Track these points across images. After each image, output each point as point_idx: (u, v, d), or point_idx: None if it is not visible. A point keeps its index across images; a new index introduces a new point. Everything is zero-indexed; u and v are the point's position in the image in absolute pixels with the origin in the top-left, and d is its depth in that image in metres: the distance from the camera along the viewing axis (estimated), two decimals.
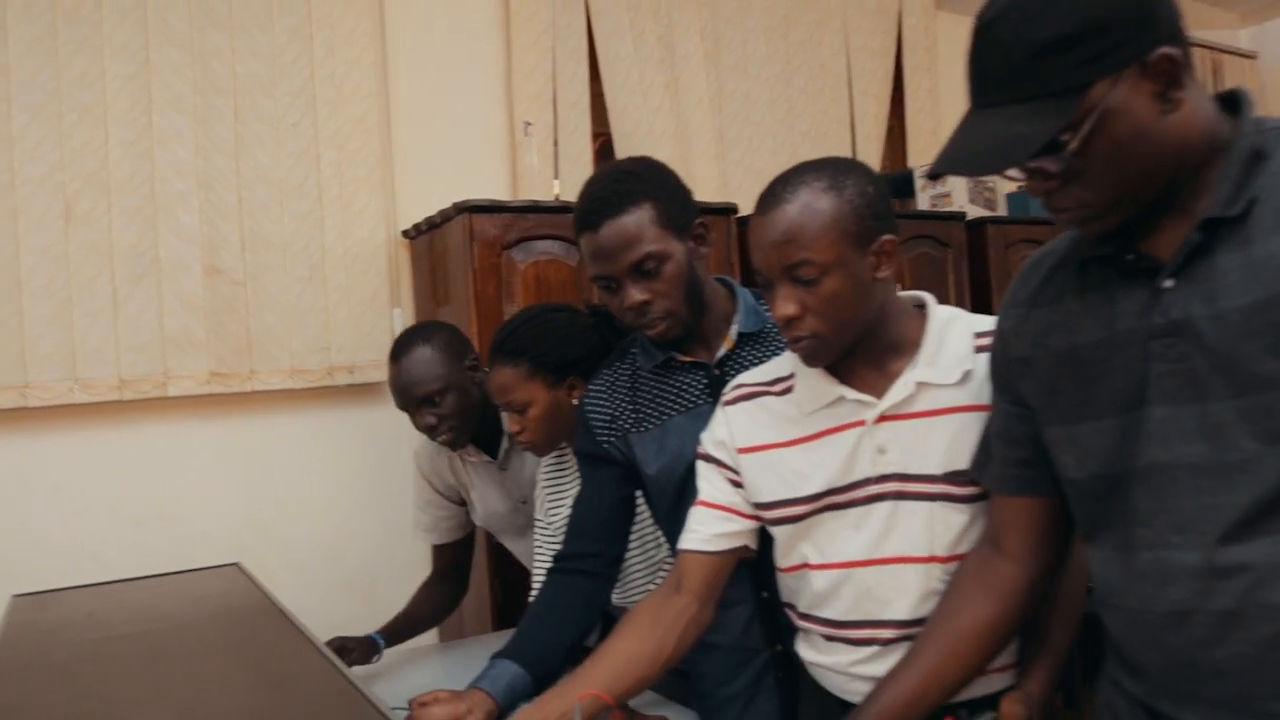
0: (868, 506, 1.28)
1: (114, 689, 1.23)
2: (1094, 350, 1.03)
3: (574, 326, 1.77)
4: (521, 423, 1.74)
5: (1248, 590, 0.92)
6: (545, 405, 1.73)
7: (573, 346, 1.74)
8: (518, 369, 1.71)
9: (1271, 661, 0.91)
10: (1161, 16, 0.92)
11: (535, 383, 1.72)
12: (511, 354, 1.72)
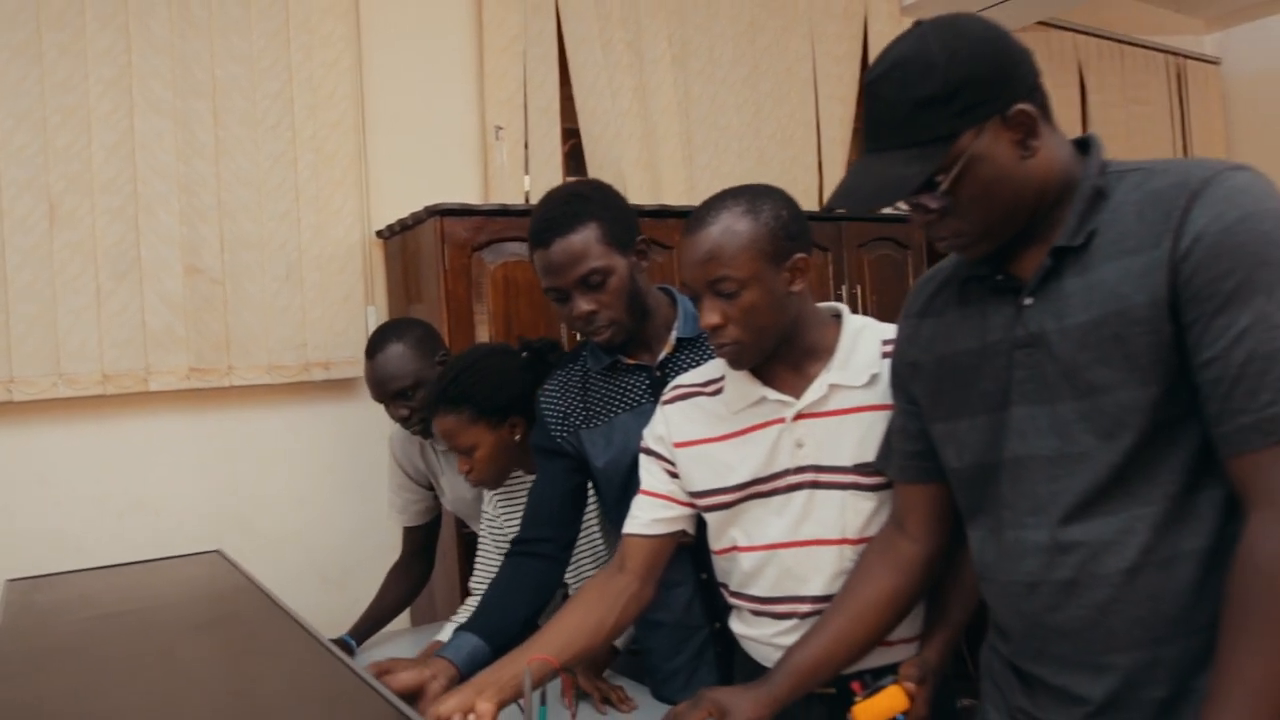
0: (788, 495, 1.41)
1: (109, 663, 1.33)
2: (969, 357, 1.16)
3: (509, 369, 1.87)
4: (469, 463, 1.86)
5: (1083, 563, 1.06)
6: (490, 446, 1.84)
7: (510, 388, 1.84)
8: (460, 416, 1.82)
9: (1103, 623, 1.05)
10: (1019, 76, 1.06)
11: (479, 427, 1.83)
12: (453, 402, 1.82)
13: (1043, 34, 5.13)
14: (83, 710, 1.13)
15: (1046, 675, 1.13)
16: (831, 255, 3.45)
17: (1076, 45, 5.29)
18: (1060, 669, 1.11)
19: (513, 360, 1.90)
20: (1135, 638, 1.05)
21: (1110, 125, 5.39)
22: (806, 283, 1.39)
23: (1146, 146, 5.59)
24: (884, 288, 3.61)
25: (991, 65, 1.05)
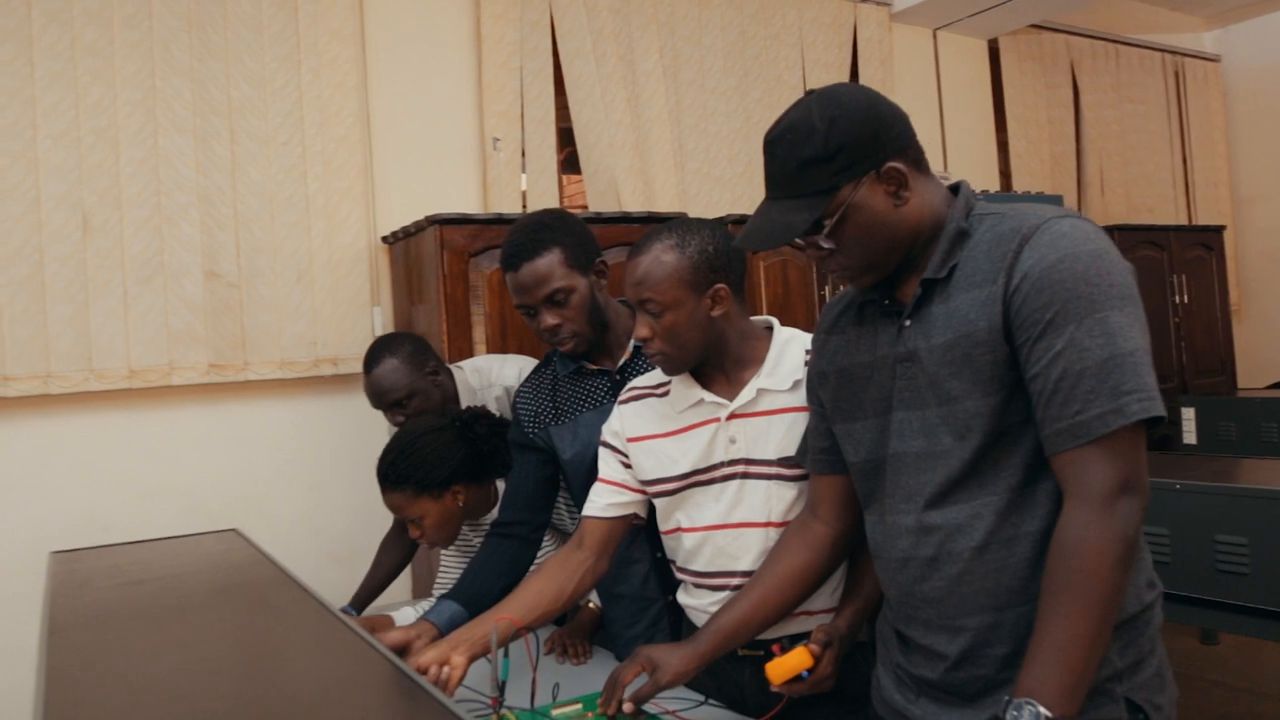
0: (723, 484, 1.62)
1: (139, 622, 1.56)
2: (863, 369, 1.36)
3: (443, 445, 2.03)
4: (419, 529, 2.05)
5: (941, 543, 1.25)
6: (436, 515, 2.03)
7: (446, 464, 2.01)
8: (404, 493, 2.00)
9: (957, 592, 1.25)
10: (891, 138, 1.25)
11: (422, 500, 2.00)
12: (395, 482, 2.01)
13: (1035, 36, 5.27)
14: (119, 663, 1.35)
15: (916, 636, 1.33)
16: None
17: (1070, 46, 5.42)
18: (926, 631, 1.31)
19: (446, 435, 2.06)
20: (983, 605, 1.25)
21: (1103, 124, 5.52)
22: (731, 306, 1.59)
23: (1141, 144, 5.72)
24: None
25: (866, 130, 1.24)
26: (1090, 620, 1.10)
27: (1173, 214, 5.81)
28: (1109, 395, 1.11)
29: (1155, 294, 4.85)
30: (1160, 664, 1.23)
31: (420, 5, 3.45)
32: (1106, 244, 1.19)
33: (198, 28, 3.04)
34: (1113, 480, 1.11)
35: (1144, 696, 1.19)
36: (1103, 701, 1.17)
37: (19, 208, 2.82)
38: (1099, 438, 1.11)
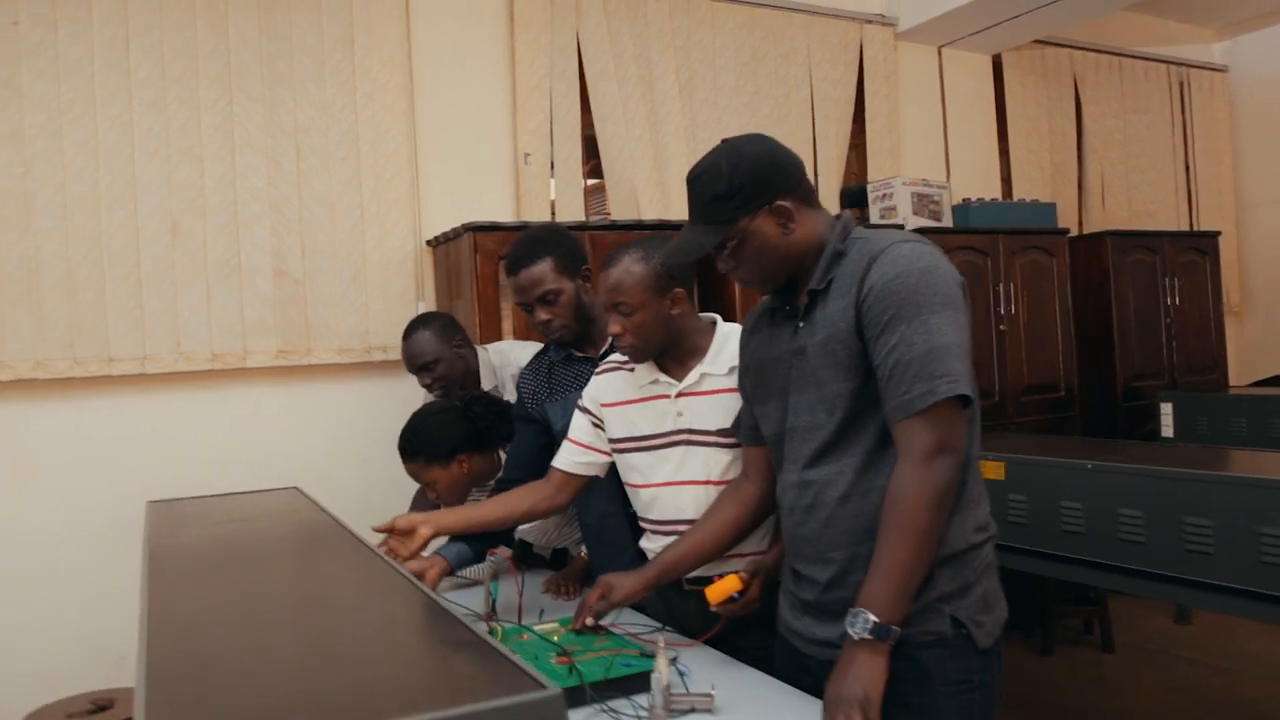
0: (671, 449, 2.05)
1: (222, 555, 2.03)
2: (771, 361, 1.78)
3: (448, 423, 2.47)
4: (434, 491, 2.52)
5: (816, 494, 1.67)
6: (446, 480, 2.48)
7: (451, 437, 2.45)
8: (417, 463, 2.47)
9: (826, 532, 1.65)
10: (782, 181, 1.65)
11: (434, 468, 2.46)
12: (410, 455, 2.48)
13: (1039, 51, 5.58)
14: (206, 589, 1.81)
15: (800, 568, 1.74)
16: None
17: (1073, 60, 5.72)
18: (806, 563, 1.72)
19: (451, 415, 2.51)
20: (845, 541, 1.65)
21: (1106, 134, 5.82)
22: (685, 306, 2.02)
23: (1144, 152, 6.00)
24: None
25: (761, 175, 1.65)
26: (909, 549, 1.50)
27: (1174, 219, 6.08)
28: (926, 379, 1.49)
29: (1147, 296, 5.16)
30: (986, 591, 1.63)
31: (460, 34, 3.91)
32: (937, 262, 1.58)
33: (268, 61, 3.54)
34: (930, 444, 1.50)
35: (967, 615, 1.59)
36: (932, 618, 1.57)
37: (119, 216, 3.33)
38: (919, 411, 1.50)
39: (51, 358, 3.25)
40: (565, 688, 1.63)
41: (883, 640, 1.48)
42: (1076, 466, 2.60)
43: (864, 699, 1.44)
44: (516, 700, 1.04)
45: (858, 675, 1.46)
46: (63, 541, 3.27)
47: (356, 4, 3.67)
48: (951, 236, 4.47)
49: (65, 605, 3.26)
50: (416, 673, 1.29)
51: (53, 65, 3.26)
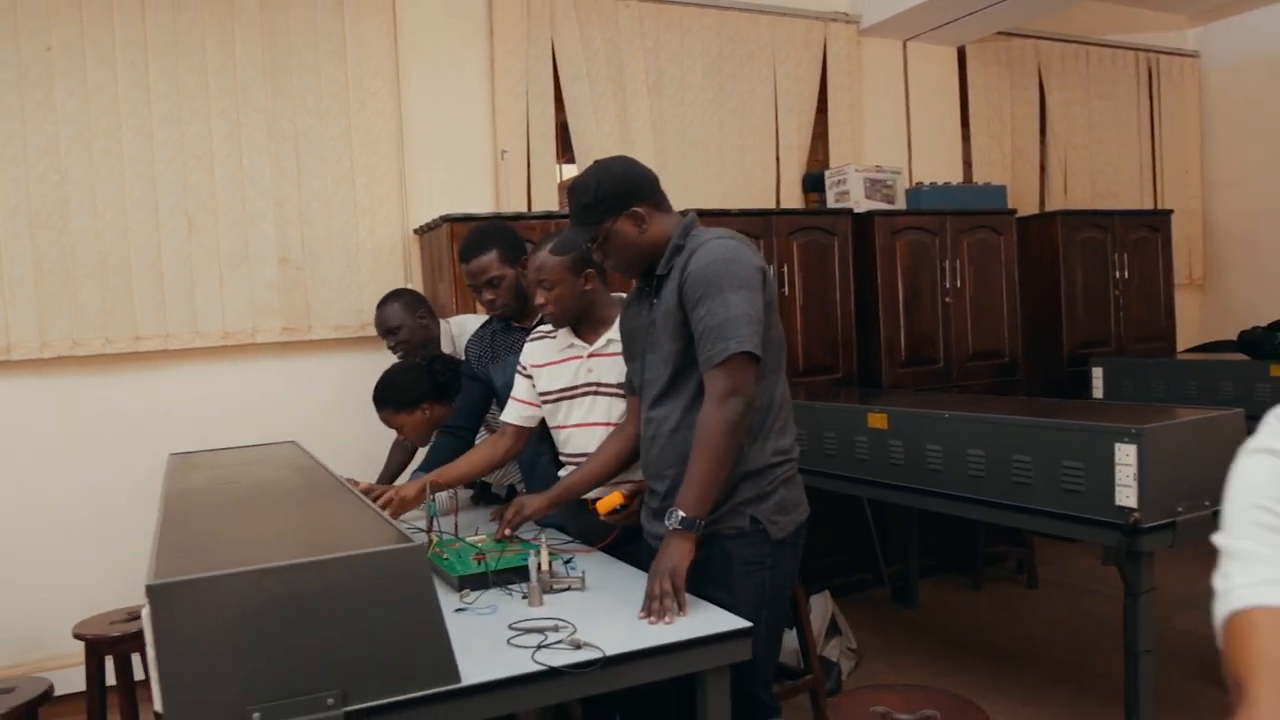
0: (583, 398, 2.50)
1: (229, 489, 2.50)
2: (638, 329, 2.23)
3: (411, 378, 3.01)
4: (403, 434, 3.05)
5: (656, 427, 2.12)
6: (411, 425, 3.02)
7: (414, 390, 2.99)
8: (387, 411, 3.01)
9: (663, 456, 2.10)
10: (635, 192, 2.09)
11: (400, 415, 3.00)
12: (381, 404, 3.02)
13: (1003, 42, 5.90)
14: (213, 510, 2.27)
15: (651, 484, 2.18)
16: (761, 242, 4.45)
17: (1038, 50, 6.04)
18: (652, 479, 2.17)
19: (416, 371, 3.05)
20: (674, 462, 2.08)
21: (1070, 119, 6.13)
22: (596, 284, 2.45)
23: (1109, 136, 6.31)
24: (810, 266, 4.59)
25: (620, 187, 2.10)
26: (709, 464, 1.96)
27: (1138, 200, 6.39)
28: (722, 340, 1.96)
29: (1096, 271, 5.50)
30: (783, 499, 2.09)
31: (443, 46, 4.36)
32: (740, 254, 2.02)
33: (270, 76, 4.02)
34: (724, 388, 1.96)
35: (764, 515, 2.06)
36: (735, 517, 2.05)
37: (142, 214, 3.83)
38: (717, 364, 1.96)
39: (87, 337, 3.76)
40: (475, 573, 2.10)
41: (690, 530, 1.94)
42: (937, 416, 3.01)
43: (673, 569, 1.89)
44: (390, 548, 1.52)
45: (670, 554, 1.92)
46: (99, 491, 3.81)
47: (349, 22, 4.14)
48: (900, 218, 4.85)
49: (103, 543, 3.81)
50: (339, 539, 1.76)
51: (82, 85, 3.76)
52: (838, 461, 3.55)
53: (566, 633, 1.84)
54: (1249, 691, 0.81)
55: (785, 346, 2.23)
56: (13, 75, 3.66)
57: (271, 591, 1.41)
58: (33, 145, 3.69)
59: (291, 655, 1.44)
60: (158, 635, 1.41)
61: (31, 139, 3.69)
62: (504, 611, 2.00)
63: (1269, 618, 0.86)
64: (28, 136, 3.68)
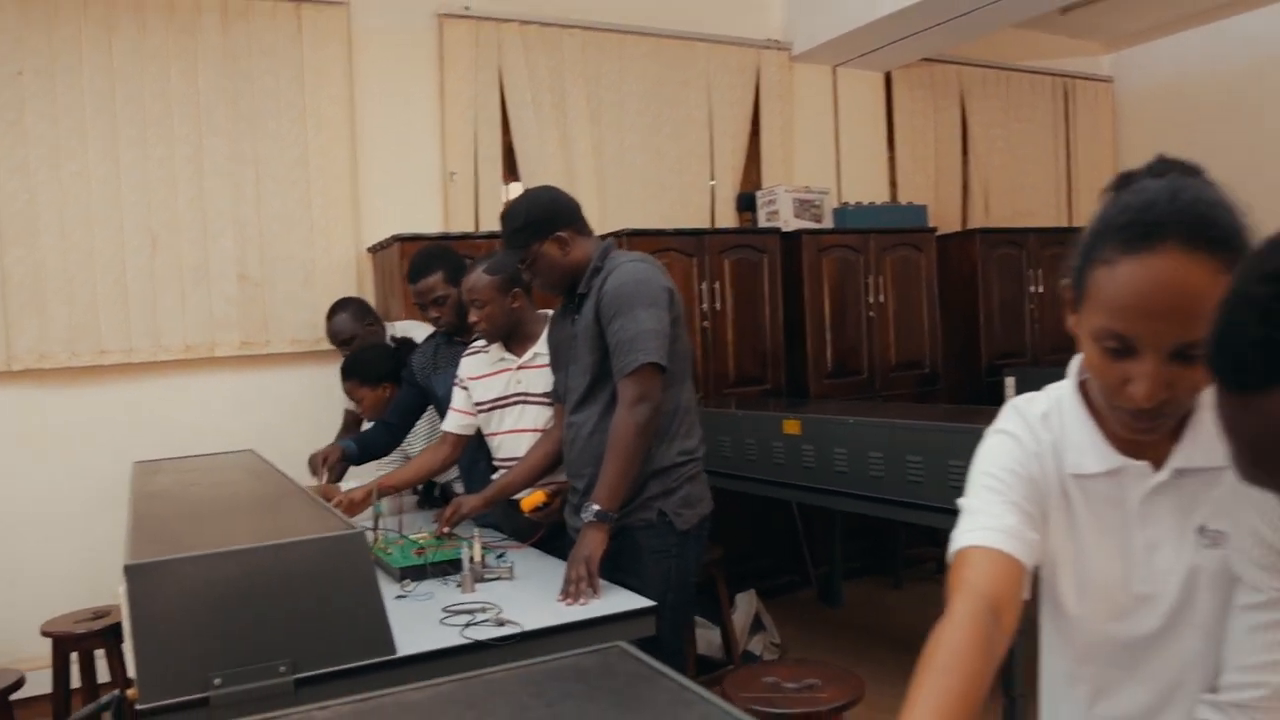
0: (512, 407, 2.78)
1: (189, 490, 2.75)
2: (563, 342, 2.52)
3: (380, 356, 3.35)
4: (361, 408, 3.36)
5: (575, 432, 2.41)
6: (372, 400, 3.34)
7: (381, 368, 3.33)
8: (352, 382, 3.34)
9: (581, 457, 2.39)
10: (559, 218, 2.38)
11: (364, 389, 3.33)
12: (348, 375, 3.35)
13: (927, 68, 6.27)
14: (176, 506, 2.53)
15: (572, 482, 2.47)
16: (695, 260, 4.75)
17: (960, 75, 6.41)
18: (572, 479, 2.45)
19: (385, 351, 3.39)
20: (591, 463, 2.36)
21: (990, 140, 6.51)
22: (524, 303, 2.74)
23: (1028, 157, 6.70)
24: (741, 283, 4.90)
25: (545, 215, 2.39)
26: (620, 462, 2.25)
27: (1055, 217, 6.78)
28: (630, 353, 2.25)
29: (1012, 285, 5.87)
30: (688, 494, 2.38)
31: (395, 73, 4.63)
32: (649, 276, 2.32)
33: (232, 101, 4.26)
34: (633, 395, 2.25)
35: (671, 509, 2.35)
36: (644, 511, 2.34)
37: (108, 233, 4.06)
38: (628, 374, 2.26)
39: (54, 351, 3.99)
40: (415, 565, 2.37)
41: (603, 522, 2.23)
42: (842, 422, 3.34)
43: (588, 557, 2.18)
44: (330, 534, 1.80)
45: (585, 543, 2.21)
46: (65, 497, 4.03)
47: (306, 51, 4.39)
48: (826, 237, 5.18)
49: (69, 545, 4.02)
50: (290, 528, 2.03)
51: (51, 108, 3.99)
52: (758, 466, 3.86)
53: (493, 613, 2.12)
54: (948, 608, 1.11)
55: (691, 358, 2.53)
56: None
57: (231, 572, 1.68)
58: (3, 166, 3.91)
59: (248, 628, 1.71)
60: (133, 610, 1.67)
61: (2, 160, 3.91)
62: (439, 598, 2.28)
63: (977, 554, 1.15)
64: None
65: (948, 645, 1.05)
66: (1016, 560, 1.14)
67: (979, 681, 1.02)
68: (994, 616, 1.08)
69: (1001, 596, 1.10)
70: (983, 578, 1.12)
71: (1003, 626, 1.09)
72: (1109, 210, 1.11)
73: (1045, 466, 1.23)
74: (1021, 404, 1.29)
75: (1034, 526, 1.19)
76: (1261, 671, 1.08)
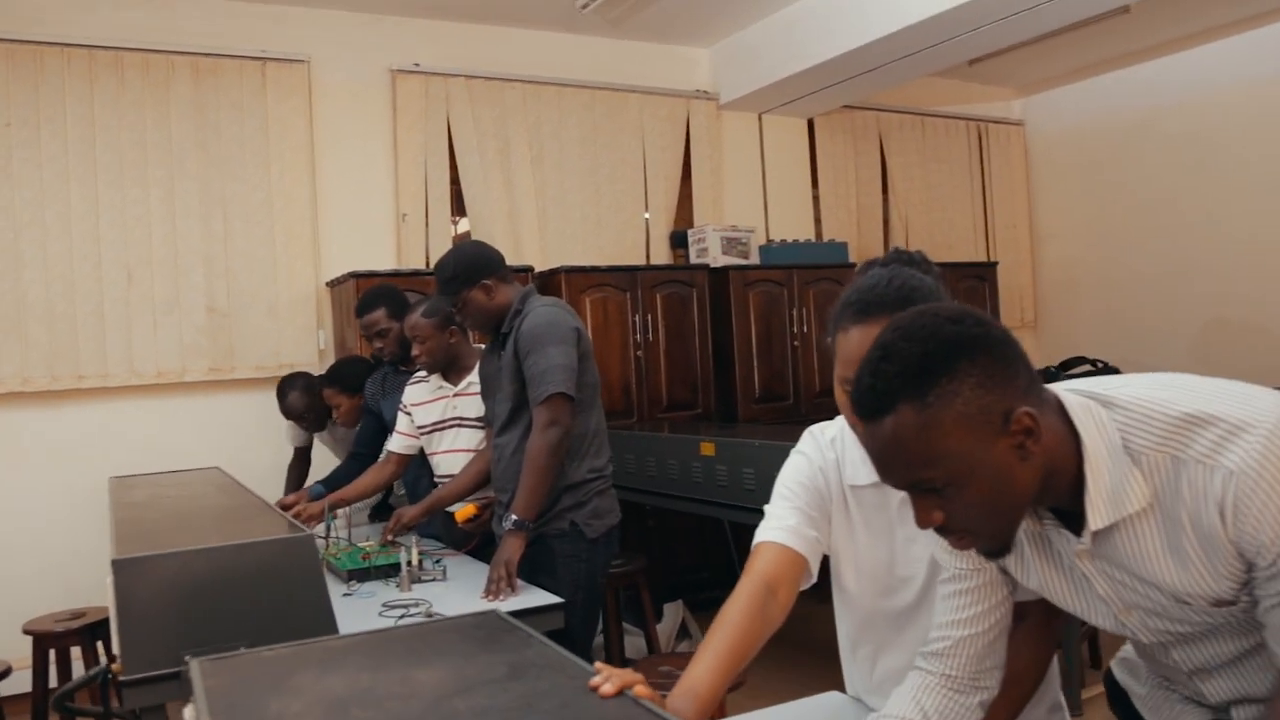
0: (449, 430, 3.22)
1: (167, 504, 3.14)
2: (492, 374, 2.96)
3: (359, 369, 3.79)
4: (339, 414, 3.77)
5: (500, 452, 2.85)
6: (348, 407, 3.78)
7: (359, 379, 3.76)
8: (333, 389, 3.76)
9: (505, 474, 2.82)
10: (485, 268, 2.83)
11: (342, 396, 3.76)
12: (329, 382, 3.78)
13: (847, 115, 6.77)
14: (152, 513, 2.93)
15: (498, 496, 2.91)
16: (628, 295, 5.21)
17: (879, 120, 6.93)
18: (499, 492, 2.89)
19: (364, 365, 3.82)
20: (514, 478, 2.78)
21: (909, 180, 7.03)
22: (460, 338, 3.18)
23: (945, 195, 7.23)
24: (671, 317, 5.36)
25: (473, 265, 2.83)
26: (534, 478, 2.67)
27: (973, 252, 7.31)
28: (542, 384, 2.69)
29: None
30: (597, 507, 2.81)
31: (351, 122, 5.07)
32: (558, 318, 2.76)
33: (202, 148, 4.68)
34: (545, 420, 2.69)
35: (581, 519, 2.79)
36: (558, 521, 2.77)
37: (87, 267, 4.45)
38: (540, 402, 2.70)
39: (35, 375, 4.37)
40: (360, 568, 2.80)
41: (520, 530, 2.66)
42: (749, 444, 3.80)
43: (508, 560, 2.62)
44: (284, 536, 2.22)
45: (505, 548, 2.65)
46: (46, 510, 4.42)
47: (270, 103, 4.82)
48: (752, 272, 5.67)
49: (48, 555, 4.40)
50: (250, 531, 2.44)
51: (36, 154, 4.38)
52: (680, 484, 4.31)
53: (424, 607, 2.55)
54: (736, 586, 1.55)
55: (599, 388, 2.95)
56: None
57: (200, 567, 2.09)
58: None
59: (215, 614, 2.09)
60: (118, 597, 2.07)
61: None
62: (380, 596, 2.71)
63: (765, 546, 1.59)
64: None
65: (728, 612, 1.49)
66: (795, 552, 1.57)
67: (749, 639, 1.47)
68: (770, 593, 1.52)
69: (778, 578, 1.55)
70: (765, 565, 1.56)
71: (779, 600, 1.53)
72: (847, 290, 1.53)
73: (829, 479, 1.66)
74: (816, 430, 1.73)
75: (815, 526, 1.61)
76: (948, 628, 1.44)
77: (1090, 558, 1.20)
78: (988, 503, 1.12)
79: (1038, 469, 1.13)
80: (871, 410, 1.13)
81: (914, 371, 1.09)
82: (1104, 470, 1.13)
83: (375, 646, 1.42)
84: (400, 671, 1.28)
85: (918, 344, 1.11)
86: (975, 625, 1.39)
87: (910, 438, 1.10)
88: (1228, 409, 1.09)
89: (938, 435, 1.09)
